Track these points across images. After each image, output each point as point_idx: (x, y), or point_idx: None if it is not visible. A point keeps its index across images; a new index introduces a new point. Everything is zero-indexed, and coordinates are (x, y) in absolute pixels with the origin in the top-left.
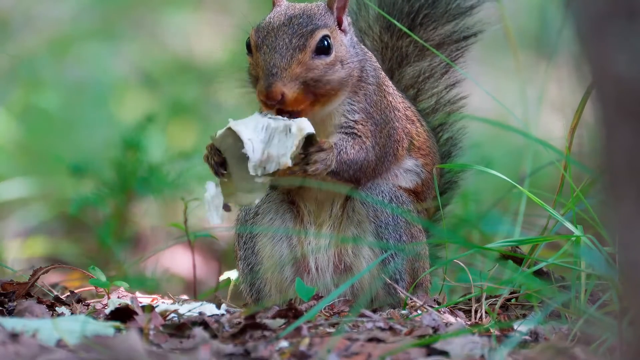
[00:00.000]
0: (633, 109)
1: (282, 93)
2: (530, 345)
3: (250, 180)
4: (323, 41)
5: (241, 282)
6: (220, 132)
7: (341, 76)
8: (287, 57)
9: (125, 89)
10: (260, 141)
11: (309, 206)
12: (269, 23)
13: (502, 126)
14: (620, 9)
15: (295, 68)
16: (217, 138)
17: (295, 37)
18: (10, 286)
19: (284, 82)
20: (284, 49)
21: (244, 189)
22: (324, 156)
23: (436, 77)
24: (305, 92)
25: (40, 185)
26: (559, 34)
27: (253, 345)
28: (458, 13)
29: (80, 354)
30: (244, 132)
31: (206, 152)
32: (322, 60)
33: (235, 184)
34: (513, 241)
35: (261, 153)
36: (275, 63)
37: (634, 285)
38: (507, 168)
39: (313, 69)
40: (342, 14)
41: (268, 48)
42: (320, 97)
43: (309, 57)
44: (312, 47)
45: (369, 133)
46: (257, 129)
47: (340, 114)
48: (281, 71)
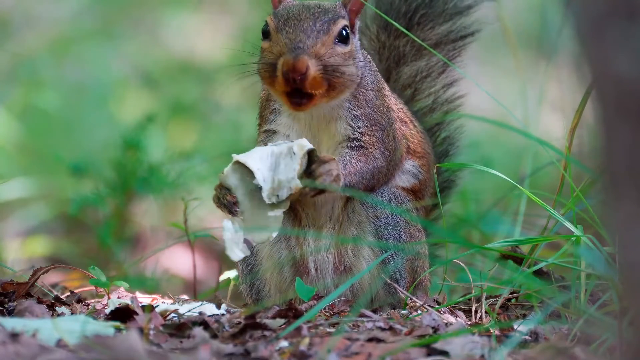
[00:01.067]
0: (633, 109)
1: (307, 66)
2: (530, 345)
3: (264, 214)
4: (344, 30)
5: (241, 283)
6: (227, 168)
7: (353, 71)
8: (312, 37)
9: (125, 89)
10: (268, 169)
11: (306, 209)
12: (288, 9)
13: (502, 125)
14: (620, 9)
15: (320, 48)
16: (225, 175)
17: (319, 22)
18: (10, 286)
19: (310, 56)
20: (308, 30)
21: (258, 223)
22: (327, 167)
23: (433, 76)
24: (323, 76)
25: (40, 185)
26: (559, 33)
27: (253, 345)
28: (455, 12)
29: (80, 354)
30: (251, 163)
31: (215, 193)
32: (342, 48)
33: (249, 219)
34: (513, 241)
35: (271, 181)
36: (302, 39)
37: (634, 285)
38: (507, 168)
39: (334, 54)
40: (355, 18)
41: (291, 28)
42: (331, 88)
43: (332, 41)
44: (335, 33)
45: (376, 141)
46: (262, 159)
47: (344, 122)
48: (307, 47)
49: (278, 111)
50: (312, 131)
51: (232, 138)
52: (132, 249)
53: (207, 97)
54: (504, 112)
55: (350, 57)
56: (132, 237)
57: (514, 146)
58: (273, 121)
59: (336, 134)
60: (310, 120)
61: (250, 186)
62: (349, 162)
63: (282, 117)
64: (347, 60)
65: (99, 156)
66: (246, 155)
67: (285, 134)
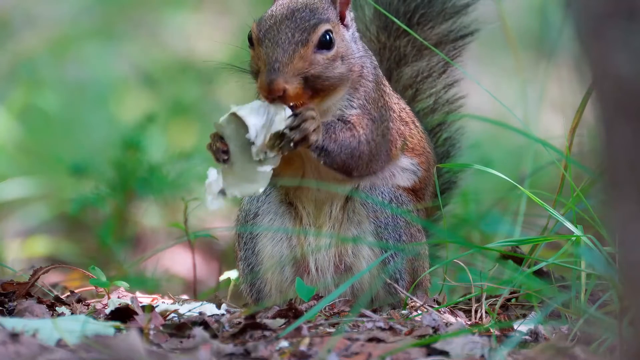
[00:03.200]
0: (633, 109)
1: (283, 89)
2: (530, 345)
3: (253, 169)
4: (325, 35)
5: (241, 283)
6: (223, 117)
7: (341, 72)
8: (289, 52)
9: (125, 89)
10: (262, 126)
11: (307, 208)
12: (271, 16)
13: (503, 125)
14: (620, 9)
15: (297, 63)
16: (220, 123)
17: (298, 32)
18: (11, 286)
19: (286, 77)
20: (286, 43)
21: (247, 178)
22: (312, 114)
23: (434, 76)
24: (305, 87)
25: (40, 185)
26: (559, 33)
27: (253, 345)
28: (454, 12)
29: (80, 354)
30: (248, 117)
31: (210, 139)
32: (324, 55)
33: (239, 173)
34: (513, 241)
35: (264, 138)
36: (277, 57)
37: (634, 285)
38: (507, 168)
39: (315, 64)
40: (345, 9)
41: (270, 42)
42: (319, 92)
43: (311, 52)
44: (315, 41)
45: (363, 124)
46: (259, 114)
47: (337, 109)
48: (283, 66)
49: None
50: None
51: None
52: (132, 249)
53: (207, 97)
54: (504, 112)
55: (336, 58)
56: (132, 237)
57: (514, 146)
58: None
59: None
60: None
61: (243, 139)
62: (333, 129)
63: None
64: (333, 63)
65: (99, 156)
66: (244, 108)
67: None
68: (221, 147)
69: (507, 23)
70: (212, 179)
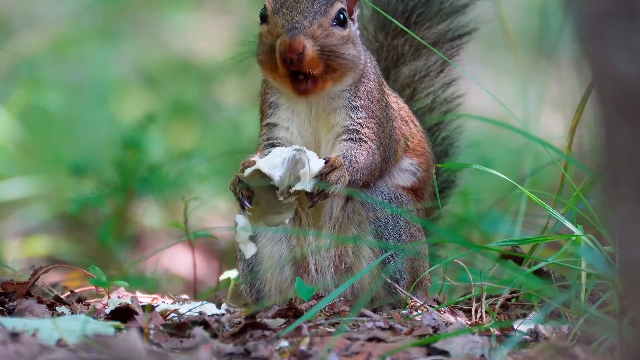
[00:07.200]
0: (633, 109)
1: (303, 46)
2: (530, 345)
3: (278, 202)
4: (340, 14)
5: (241, 283)
6: (248, 171)
7: (353, 54)
8: (309, 18)
9: (125, 89)
10: (286, 171)
11: (306, 209)
12: None
13: (502, 125)
14: (620, 9)
15: (316, 29)
16: (246, 177)
17: (316, 4)
18: (11, 286)
19: (307, 36)
20: (305, 11)
21: (272, 211)
22: (338, 174)
23: (432, 76)
24: (321, 57)
25: (40, 185)
26: (559, 33)
27: (253, 344)
28: (451, 11)
29: (80, 354)
30: (274, 174)
31: (233, 180)
32: (339, 31)
33: (264, 209)
34: (513, 241)
35: (287, 180)
36: (298, 19)
37: (634, 285)
38: (507, 168)
39: (331, 36)
40: (354, 5)
41: (288, 10)
42: (332, 70)
43: (329, 23)
44: (332, 15)
45: (373, 135)
46: (284, 162)
47: (343, 113)
48: (304, 27)
49: (276, 104)
50: (312, 123)
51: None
52: (132, 249)
53: (207, 97)
54: (503, 112)
55: (348, 40)
56: (132, 237)
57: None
58: (272, 115)
59: (335, 125)
60: (308, 112)
61: (266, 184)
62: (354, 158)
63: (281, 110)
64: (345, 43)
65: (99, 156)
66: (268, 162)
67: (285, 126)
68: (247, 194)
69: (507, 23)
70: (240, 225)
